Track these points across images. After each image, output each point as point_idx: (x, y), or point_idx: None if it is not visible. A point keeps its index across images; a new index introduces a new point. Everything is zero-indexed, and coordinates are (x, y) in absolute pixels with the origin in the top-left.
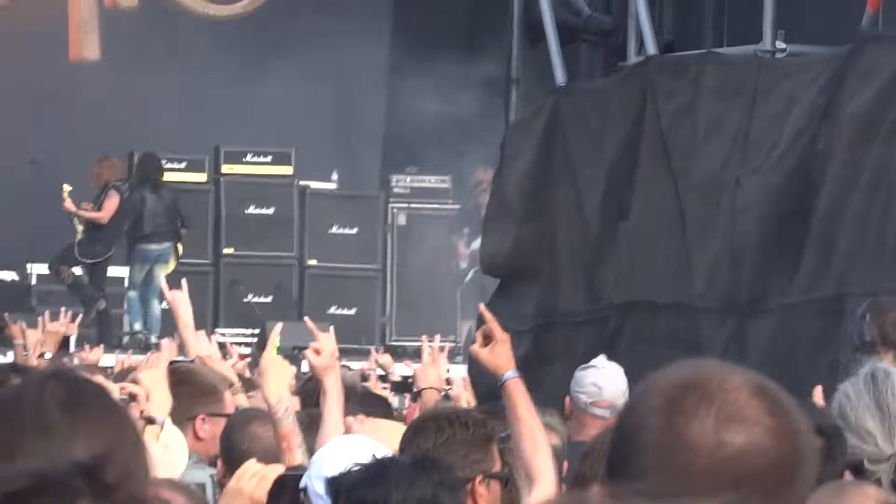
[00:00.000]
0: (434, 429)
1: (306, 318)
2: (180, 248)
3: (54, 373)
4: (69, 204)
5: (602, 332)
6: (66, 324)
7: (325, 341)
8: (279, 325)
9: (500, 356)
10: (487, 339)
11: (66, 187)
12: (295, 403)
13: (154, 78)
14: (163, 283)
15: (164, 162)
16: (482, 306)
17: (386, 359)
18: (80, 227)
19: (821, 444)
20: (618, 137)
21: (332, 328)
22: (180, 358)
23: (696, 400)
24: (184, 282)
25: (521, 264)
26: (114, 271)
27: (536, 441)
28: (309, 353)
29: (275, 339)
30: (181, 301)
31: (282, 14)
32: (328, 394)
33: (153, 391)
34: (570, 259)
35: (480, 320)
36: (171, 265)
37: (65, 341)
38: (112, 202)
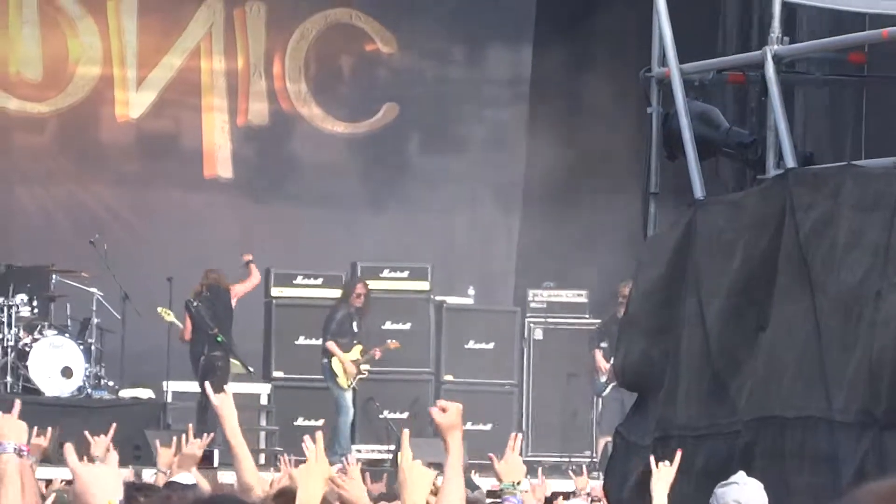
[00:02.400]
0: None
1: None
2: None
3: (212, 499)
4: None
5: (726, 447)
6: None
7: (452, 404)
8: (406, 432)
9: None
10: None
11: (163, 311)
12: None
13: (288, 194)
14: (208, 388)
15: (299, 278)
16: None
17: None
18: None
19: None
20: (757, 249)
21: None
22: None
23: None
24: (227, 388)
25: (650, 378)
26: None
27: None
28: (435, 410)
29: (406, 446)
30: (227, 406)
31: (414, 129)
32: (450, 454)
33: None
34: (688, 371)
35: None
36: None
37: (208, 456)
38: (186, 321)
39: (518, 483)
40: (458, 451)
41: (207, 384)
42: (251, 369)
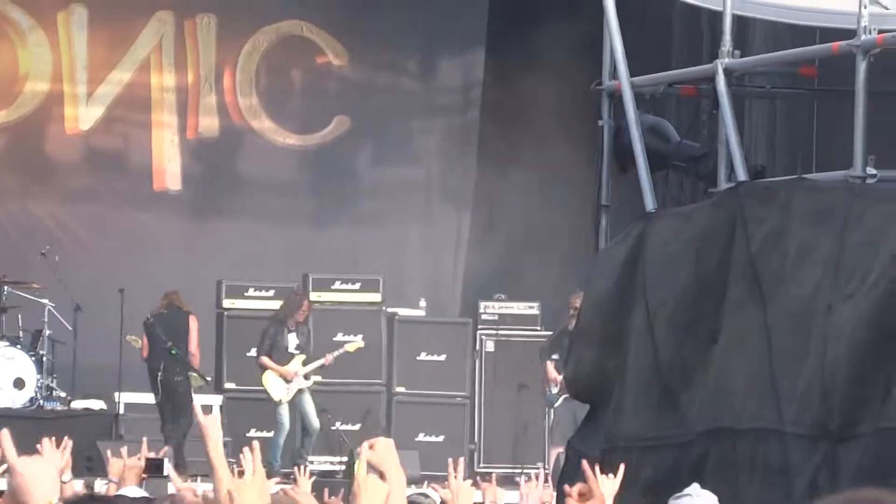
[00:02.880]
0: None
1: None
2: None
3: None
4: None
5: (673, 458)
6: (143, 456)
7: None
8: (366, 445)
9: None
10: (583, 496)
11: (132, 339)
12: None
13: (238, 207)
14: (196, 406)
15: (251, 290)
16: (585, 464)
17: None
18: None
19: None
20: (709, 262)
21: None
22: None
23: None
24: (216, 407)
25: (601, 389)
26: None
27: None
28: (364, 448)
29: (363, 460)
30: (214, 426)
31: (365, 141)
32: (392, 488)
33: None
34: (636, 382)
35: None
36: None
37: (157, 464)
38: (144, 340)
39: None
40: (397, 484)
41: (197, 403)
42: (208, 379)
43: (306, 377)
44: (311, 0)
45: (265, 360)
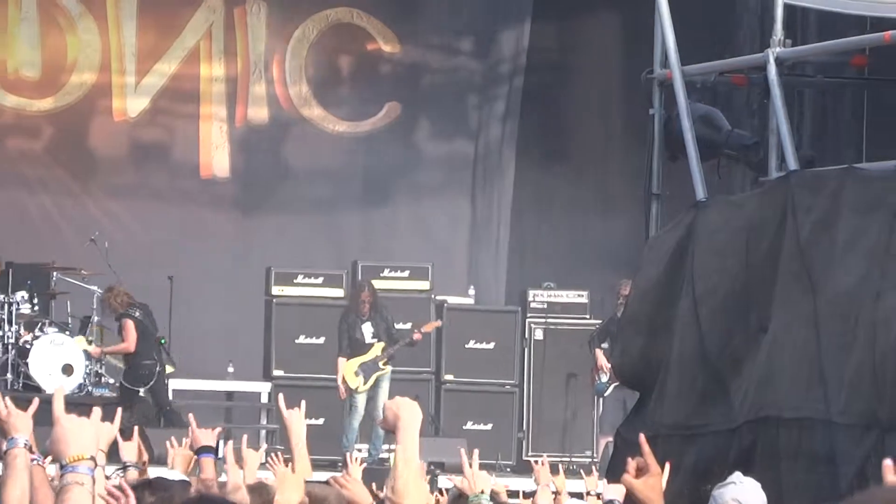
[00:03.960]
0: None
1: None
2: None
3: (200, 499)
4: (95, 350)
5: (715, 447)
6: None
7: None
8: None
9: (654, 489)
10: (640, 471)
11: (81, 340)
12: None
13: (287, 194)
14: (280, 401)
15: (300, 277)
16: (643, 437)
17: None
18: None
19: None
20: (758, 251)
21: None
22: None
23: None
24: (303, 402)
25: (648, 377)
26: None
27: None
28: (387, 403)
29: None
30: (298, 420)
31: (416, 129)
32: (399, 447)
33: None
34: (679, 370)
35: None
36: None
37: (211, 448)
38: (130, 331)
39: (482, 492)
40: (408, 445)
41: (281, 396)
42: (175, 364)
43: (383, 364)
44: None
45: (340, 361)
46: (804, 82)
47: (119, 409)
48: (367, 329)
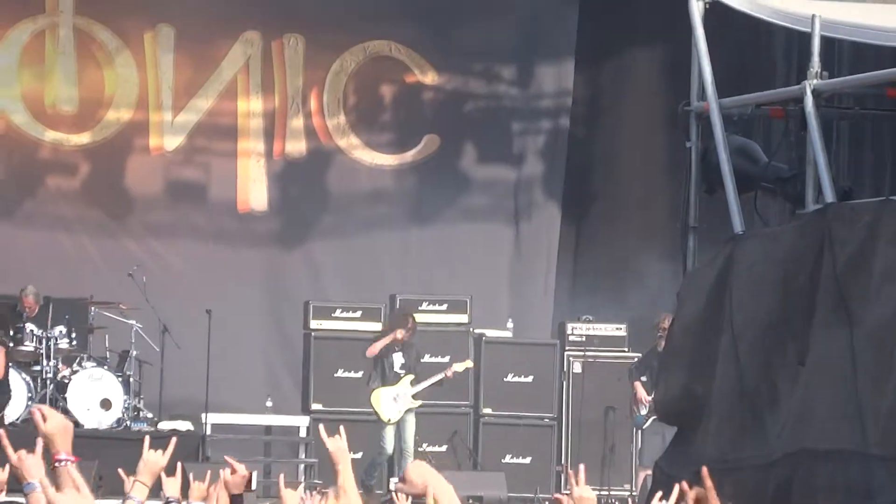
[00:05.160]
0: None
1: None
2: None
3: None
4: None
5: (753, 480)
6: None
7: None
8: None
9: None
10: (698, 502)
11: None
12: None
13: (326, 227)
14: (322, 432)
15: (338, 311)
16: (705, 470)
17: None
18: None
19: None
20: (796, 283)
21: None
22: None
23: None
24: (342, 429)
25: (690, 412)
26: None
27: None
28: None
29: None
30: (343, 451)
31: (452, 162)
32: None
33: None
34: (720, 404)
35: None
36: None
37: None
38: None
39: None
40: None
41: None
42: None
43: (415, 397)
44: (399, 19)
45: (373, 391)
46: (841, 114)
47: (173, 440)
48: (398, 359)
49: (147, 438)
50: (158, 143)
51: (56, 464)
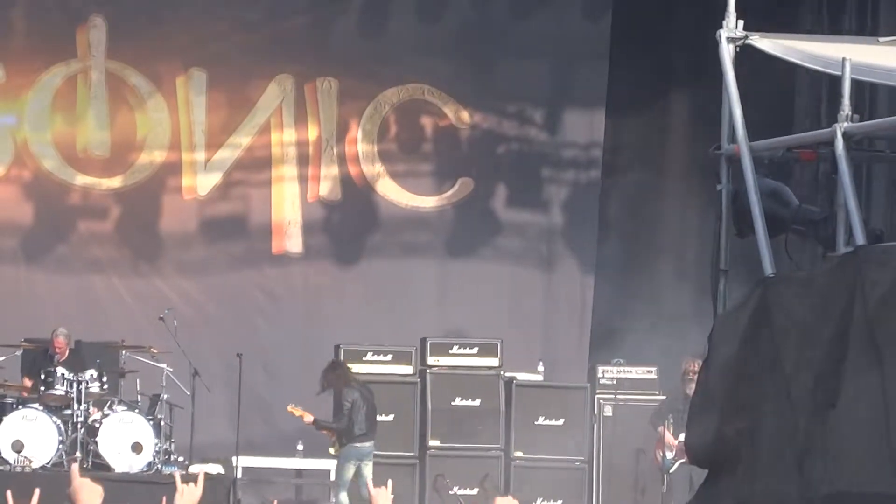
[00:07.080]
0: None
1: None
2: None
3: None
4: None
5: None
6: None
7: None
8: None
9: None
10: None
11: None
12: None
13: (359, 269)
14: (368, 479)
15: (369, 354)
16: None
17: None
18: None
19: None
20: (828, 326)
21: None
22: None
23: None
24: (390, 481)
25: (723, 457)
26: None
27: None
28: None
29: None
30: (385, 498)
31: (484, 205)
32: None
33: None
34: (769, 447)
35: None
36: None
37: None
38: None
39: None
40: None
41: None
42: None
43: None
44: (432, 63)
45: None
46: (872, 157)
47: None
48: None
49: (177, 472)
50: (191, 185)
51: None
